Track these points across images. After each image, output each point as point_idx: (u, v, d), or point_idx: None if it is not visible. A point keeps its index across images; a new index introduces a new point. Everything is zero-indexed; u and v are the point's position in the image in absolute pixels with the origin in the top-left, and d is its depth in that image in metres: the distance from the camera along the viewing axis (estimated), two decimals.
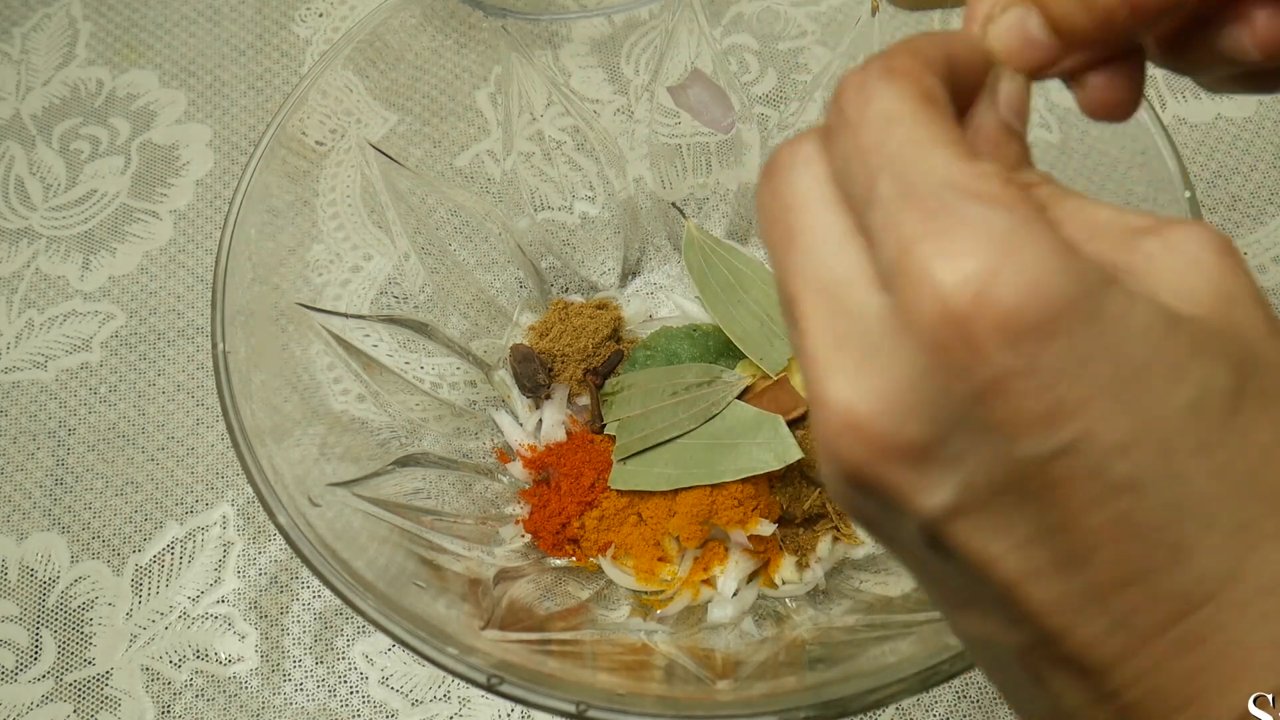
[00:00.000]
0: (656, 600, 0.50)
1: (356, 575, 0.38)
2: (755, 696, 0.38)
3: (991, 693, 0.51)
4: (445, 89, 0.60)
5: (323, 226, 0.50)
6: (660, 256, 0.61)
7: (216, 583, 0.56)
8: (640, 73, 0.60)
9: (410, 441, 0.50)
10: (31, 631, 0.55)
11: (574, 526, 0.51)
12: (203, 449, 0.59)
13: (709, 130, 0.58)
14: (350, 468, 0.45)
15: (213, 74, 0.71)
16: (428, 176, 0.55)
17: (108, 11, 0.74)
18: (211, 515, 0.57)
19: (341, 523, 0.41)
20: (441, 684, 0.52)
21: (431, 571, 0.44)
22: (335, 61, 0.49)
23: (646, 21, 0.60)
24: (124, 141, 0.69)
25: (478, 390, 0.56)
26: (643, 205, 0.61)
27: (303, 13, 0.73)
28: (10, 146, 0.70)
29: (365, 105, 0.52)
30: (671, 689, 0.42)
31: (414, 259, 0.54)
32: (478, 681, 0.35)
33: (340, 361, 0.48)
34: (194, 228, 0.66)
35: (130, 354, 0.62)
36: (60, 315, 0.64)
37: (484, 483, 0.53)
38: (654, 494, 0.51)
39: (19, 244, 0.66)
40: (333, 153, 0.50)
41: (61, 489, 0.59)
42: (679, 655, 0.44)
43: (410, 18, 0.53)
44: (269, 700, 0.53)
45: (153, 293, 0.64)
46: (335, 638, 0.54)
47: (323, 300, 0.49)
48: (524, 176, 0.59)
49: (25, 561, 0.57)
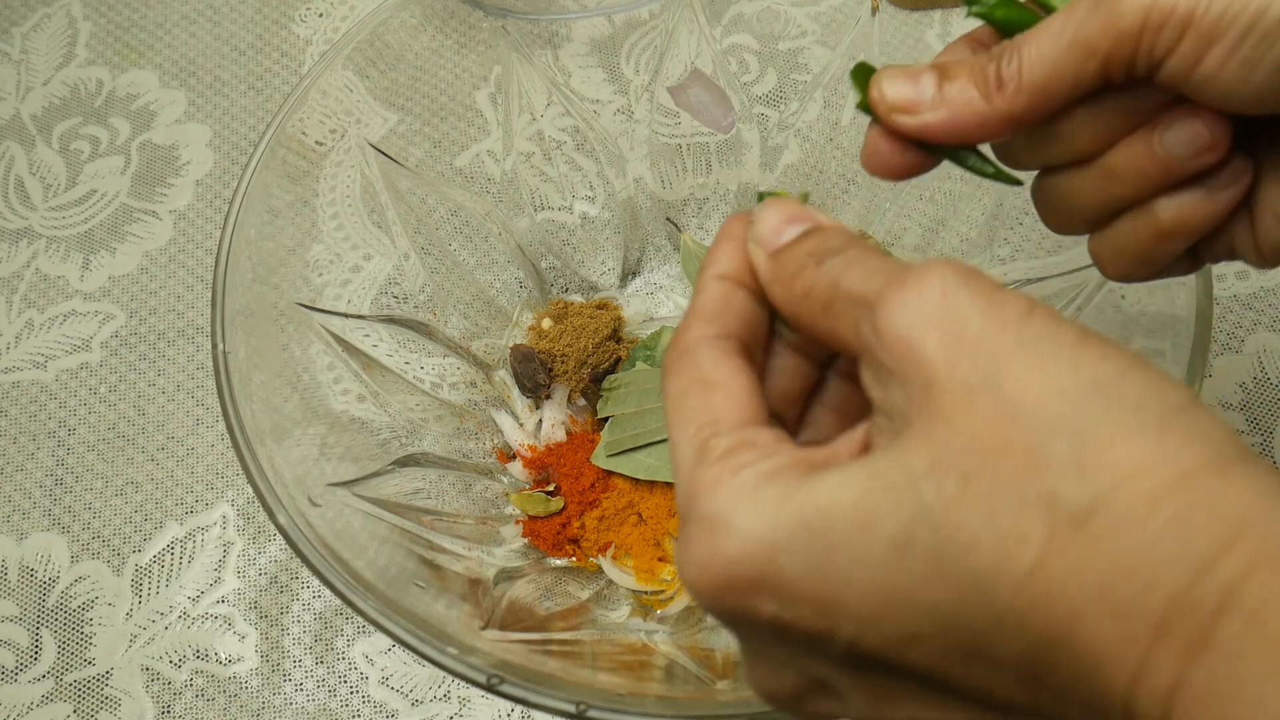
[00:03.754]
0: (656, 600, 0.50)
1: (356, 575, 0.38)
2: (755, 696, 0.38)
3: None
4: (445, 89, 0.60)
5: (323, 226, 0.50)
6: (660, 257, 0.61)
7: (216, 583, 0.56)
8: (640, 73, 0.60)
9: (410, 441, 0.50)
10: (31, 631, 0.55)
11: (574, 526, 0.51)
12: (203, 449, 0.59)
13: (709, 130, 0.58)
14: (350, 468, 0.45)
15: (213, 74, 0.71)
16: (428, 176, 0.55)
17: (108, 11, 0.74)
18: (211, 515, 0.57)
19: (341, 523, 0.41)
20: (441, 684, 0.52)
21: (431, 571, 0.44)
22: (335, 61, 0.49)
23: (646, 21, 0.60)
24: (124, 141, 0.69)
25: (478, 390, 0.56)
26: (643, 205, 0.61)
27: (303, 13, 0.73)
28: (10, 146, 0.70)
29: (365, 105, 0.52)
30: (671, 689, 0.42)
31: (414, 259, 0.54)
32: (478, 681, 0.35)
33: (340, 361, 0.48)
34: (194, 228, 0.66)
35: (130, 354, 0.62)
36: (60, 315, 0.64)
37: (484, 483, 0.53)
38: (654, 494, 0.51)
39: (19, 244, 0.66)
40: (333, 153, 0.50)
41: (61, 489, 0.59)
42: (679, 655, 0.44)
43: (410, 18, 0.53)
44: (269, 700, 0.53)
45: (153, 293, 0.64)
46: (335, 638, 0.54)
47: (323, 300, 0.49)
48: (524, 176, 0.59)
49: (25, 561, 0.57)
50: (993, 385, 0.21)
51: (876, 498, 0.22)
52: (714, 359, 0.26)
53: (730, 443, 0.24)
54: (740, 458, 0.24)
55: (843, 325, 0.25)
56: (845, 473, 0.23)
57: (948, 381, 0.22)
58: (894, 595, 0.22)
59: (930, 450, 0.22)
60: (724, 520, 0.23)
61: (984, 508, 0.21)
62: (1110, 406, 0.21)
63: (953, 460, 0.21)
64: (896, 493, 0.22)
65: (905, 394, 0.23)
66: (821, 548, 0.22)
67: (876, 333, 0.23)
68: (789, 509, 0.23)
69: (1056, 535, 0.20)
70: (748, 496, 0.23)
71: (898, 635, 0.22)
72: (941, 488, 0.21)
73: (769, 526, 0.23)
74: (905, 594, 0.22)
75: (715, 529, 0.23)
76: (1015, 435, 0.21)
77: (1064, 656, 0.21)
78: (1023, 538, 0.21)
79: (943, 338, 0.22)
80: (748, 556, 0.23)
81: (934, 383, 0.22)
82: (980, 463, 0.21)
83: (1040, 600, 0.20)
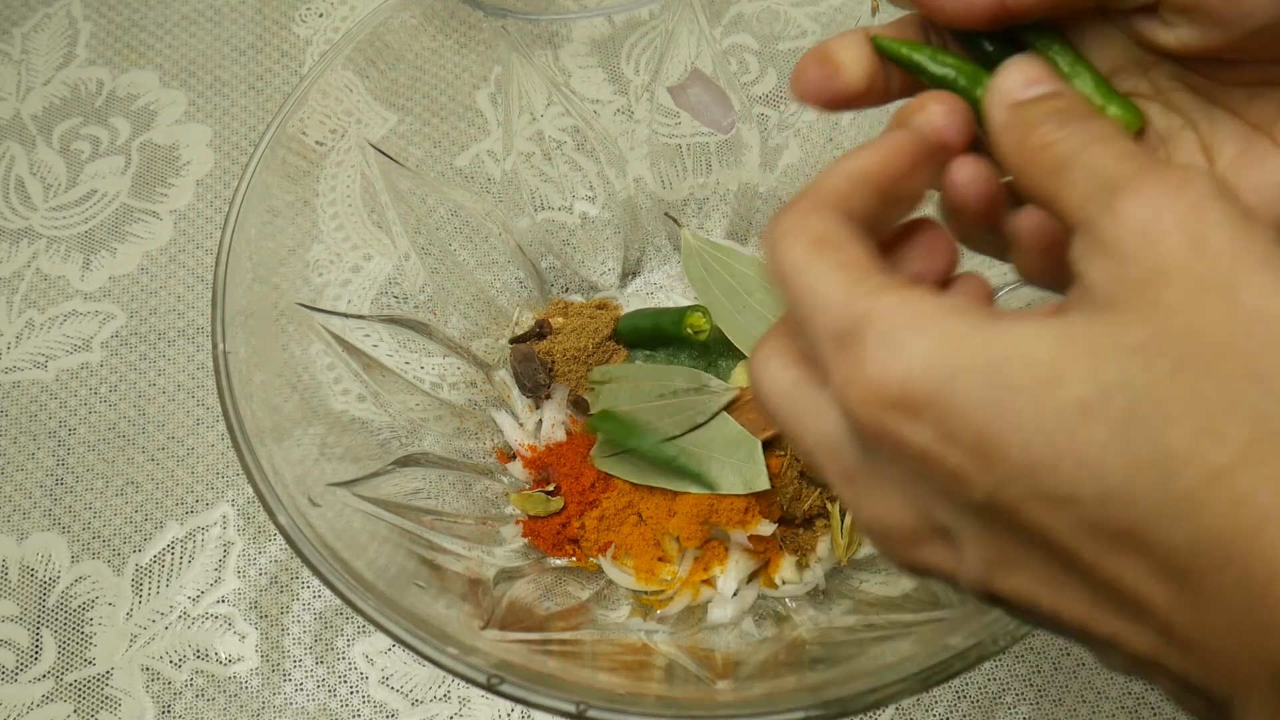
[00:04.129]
0: (656, 600, 0.50)
1: (356, 575, 0.38)
2: (755, 696, 0.38)
3: (991, 692, 0.51)
4: (445, 89, 0.60)
5: (323, 226, 0.50)
6: (660, 256, 0.61)
7: (216, 583, 0.56)
8: (640, 73, 0.60)
9: (410, 441, 0.50)
10: (32, 631, 0.55)
11: (574, 526, 0.51)
12: (203, 449, 0.59)
13: (709, 130, 0.58)
14: (350, 468, 0.45)
15: (213, 74, 0.71)
16: (428, 176, 0.55)
17: (108, 11, 0.74)
18: (211, 515, 0.57)
19: (341, 523, 0.41)
20: (441, 684, 0.52)
21: (431, 571, 0.44)
22: (335, 61, 0.49)
23: (646, 21, 0.60)
24: (124, 141, 0.69)
25: (478, 390, 0.56)
26: (643, 205, 0.61)
27: (303, 13, 0.73)
28: (10, 146, 0.70)
29: (365, 105, 0.52)
30: (671, 689, 0.42)
31: (414, 259, 0.54)
32: (478, 681, 0.35)
33: (340, 361, 0.48)
34: (194, 228, 0.66)
35: (130, 354, 0.62)
36: (60, 315, 0.64)
37: (484, 483, 0.53)
38: (654, 494, 0.51)
39: (19, 244, 0.66)
40: (333, 153, 0.50)
41: (62, 489, 0.59)
42: (679, 655, 0.44)
43: (410, 18, 0.53)
44: (269, 700, 0.53)
45: (153, 293, 0.64)
46: (335, 638, 0.54)
47: (323, 300, 0.49)
48: (524, 176, 0.59)
49: (25, 561, 0.57)
50: (1228, 290, 0.21)
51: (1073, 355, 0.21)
52: (848, 234, 0.25)
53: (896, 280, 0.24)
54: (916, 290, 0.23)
55: (1073, 192, 0.24)
56: (1041, 326, 0.22)
57: (1180, 273, 0.21)
58: (1064, 451, 0.21)
59: (1145, 330, 0.21)
60: (907, 339, 0.22)
61: (1191, 396, 0.20)
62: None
63: (1169, 343, 0.21)
64: (1097, 358, 0.21)
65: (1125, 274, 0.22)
66: (1002, 385, 0.21)
67: (1114, 213, 0.22)
68: (975, 342, 0.22)
69: (1260, 444, 0.20)
70: (934, 321, 0.23)
71: (1052, 493, 0.21)
72: (1150, 365, 0.21)
73: (953, 352, 0.22)
74: (1077, 454, 0.21)
75: (897, 346, 0.22)
76: (1241, 341, 0.21)
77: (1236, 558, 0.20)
78: (1224, 436, 0.20)
79: (1185, 239, 0.22)
80: (925, 375, 0.22)
81: (1165, 271, 0.21)
82: (1198, 354, 0.21)
83: (1224, 499, 0.20)
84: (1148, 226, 0.22)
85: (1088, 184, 0.24)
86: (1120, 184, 0.23)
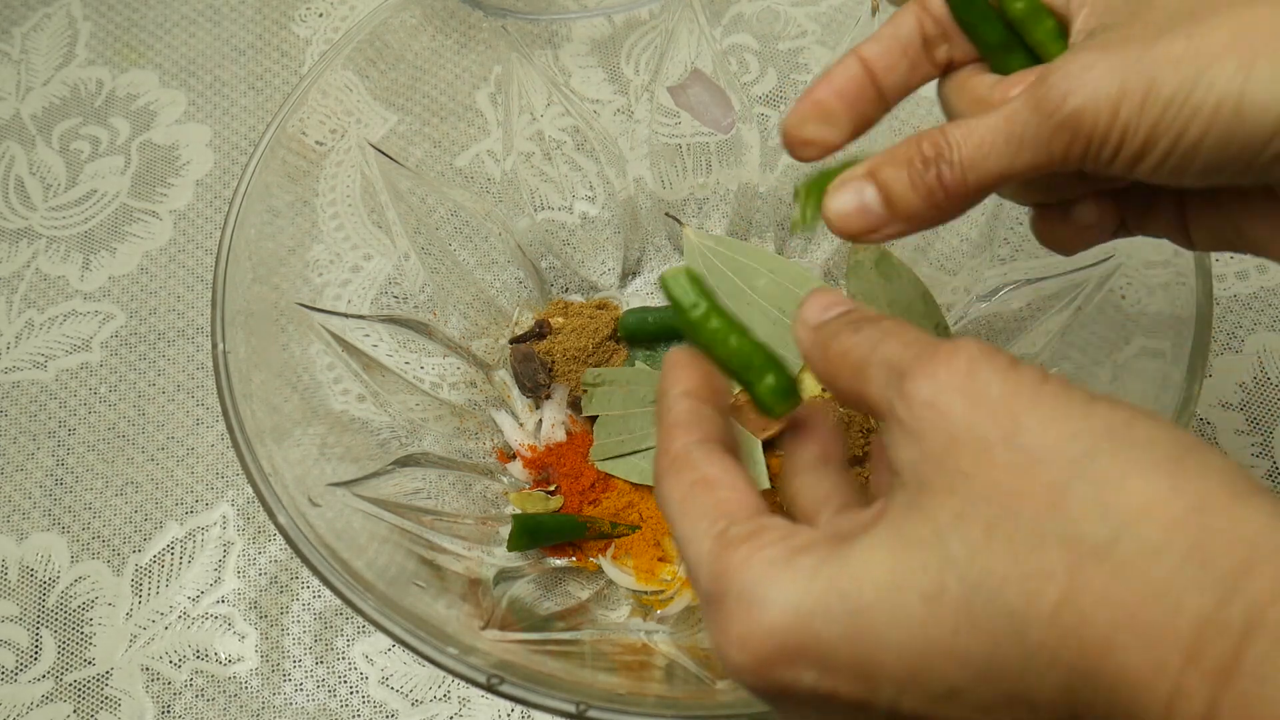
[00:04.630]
0: (656, 600, 0.50)
1: (356, 575, 0.38)
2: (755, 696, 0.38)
3: None
4: (445, 89, 0.60)
5: (323, 226, 0.50)
6: (660, 256, 0.61)
7: (216, 583, 0.56)
8: (640, 73, 0.60)
9: (410, 441, 0.50)
10: (31, 631, 0.55)
11: None
12: (203, 449, 0.59)
13: (709, 130, 0.58)
14: (350, 468, 0.45)
15: (213, 74, 0.71)
16: (428, 176, 0.55)
17: (108, 11, 0.74)
18: (211, 515, 0.57)
19: (341, 523, 0.41)
20: (441, 684, 0.52)
21: (431, 571, 0.44)
22: (335, 61, 0.49)
23: (646, 21, 0.60)
24: (124, 141, 0.69)
25: (478, 390, 0.56)
26: (643, 205, 0.61)
27: (303, 13, 0.73)
28: (10, 146, 0.70)
29: (365, 105, 0.52)
30: (671, 689, 0.42)
31: (414, 259, 0.54)
32: (478, 681, 0.35)
33: (340, 361, 0.48)
34: (194, 228, 0.66)
35: (130, 354, 0.62)
36: (60, 315, 0.64)
37: (484, 483, 0.53)
38: (654, 494, 0.51)
39: (19, 244, 0.66)
40: (333, 153, 0.50)
41: (61, 489, 0.59)
42: (679, 655, 0.44)
43: (410, 18, 0.53)
44: (269, 700, 0.53)
45: (153, 293, 0.64)
46: (335, 638, 0.54)
47: (323, 300, 0.49)
48: (524, 176, 0.59)
49: (25, 561, 0.57)
50: (1009, 438, 0.23)
51: (904, 555, 0.23)
52: (708, 460, 0.28)
53: (750, 527, 0.26)
54: (765, 537, 0.25)
55: (872, 388, 0.26)
56: (873, 536, 0.24)
57: (967, 436, 0.23)
58: (929, 650, 0.22)
59: (952, 503, 0.23)
60: (760, 594, 0.24)
61: (1008, 550, 0.22)
62: (1122, 446, 0.22)
63: (975, 510, 0.22)
64: (924, 548, 0.23)
65: (925, 450, 0.24)
66: (855, 610, 0.23)
67: (905, 396, 0.24)
68: (822, 577, 0.23)
69: (1081, 568, 0.21)
70: (781, 569, 0.24)
71: (937, 691, 0.22)
72: (966, 537, 0.22)
73: (804, 594, 0.23)
74: (940, 648, 0.22)
75: (752, 603, 0.24)
76: (1032, 480, 0.22)
77: (1099, 690, 0.21)
78: (1048, 574, 0.21)
79: (965, 401, 0.23)
80: (787, 626, 0.23)
81: (954, 439, 0.23)
82: (1001, 509, 0.22)
83: (1070, 633, 0.21)
84: (933, 398, 0.24)
85: (883, 376, 0.26)
86: (905, 369, 0.25)
